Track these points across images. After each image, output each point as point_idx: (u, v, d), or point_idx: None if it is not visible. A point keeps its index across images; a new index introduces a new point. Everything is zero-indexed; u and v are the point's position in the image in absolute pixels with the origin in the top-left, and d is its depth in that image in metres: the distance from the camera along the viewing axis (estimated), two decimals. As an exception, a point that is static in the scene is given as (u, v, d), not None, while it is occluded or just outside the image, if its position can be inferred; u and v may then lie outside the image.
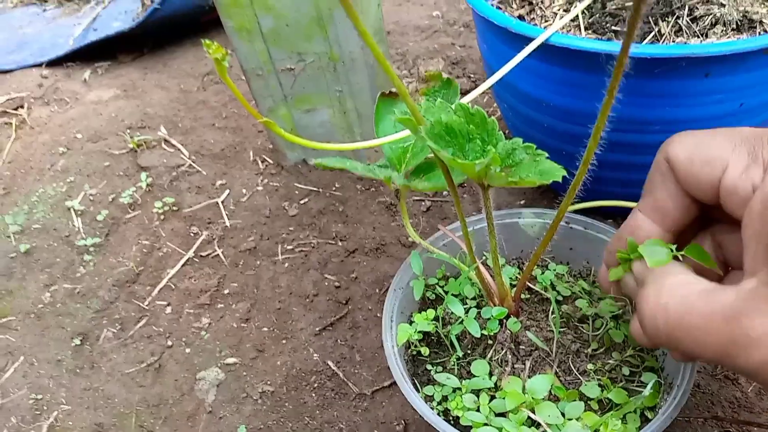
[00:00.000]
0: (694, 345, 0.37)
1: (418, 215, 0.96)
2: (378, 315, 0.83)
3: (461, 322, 0.62)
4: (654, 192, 0.47)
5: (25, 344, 0.88)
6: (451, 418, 0.58)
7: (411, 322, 0.65)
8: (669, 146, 0.45)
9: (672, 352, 0.48)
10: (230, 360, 0.81)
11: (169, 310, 0.89)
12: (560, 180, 0.44)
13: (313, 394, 0.76)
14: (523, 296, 0.65)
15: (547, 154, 0.47)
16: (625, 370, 0.58)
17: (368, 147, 0.61)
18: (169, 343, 0.84)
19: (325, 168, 0.61)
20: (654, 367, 0.59)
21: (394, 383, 0.75)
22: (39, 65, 1.57)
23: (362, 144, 0.61)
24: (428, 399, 0.60)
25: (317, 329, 0.83)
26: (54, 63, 1.58)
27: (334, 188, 1.04)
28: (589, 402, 0.56)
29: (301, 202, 1.03)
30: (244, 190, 1.08)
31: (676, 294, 0.39)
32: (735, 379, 0.69)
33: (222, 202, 1.06)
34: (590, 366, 0.58)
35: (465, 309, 0.64)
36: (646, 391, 0.54)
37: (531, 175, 0.45)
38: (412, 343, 0.65)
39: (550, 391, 0.56)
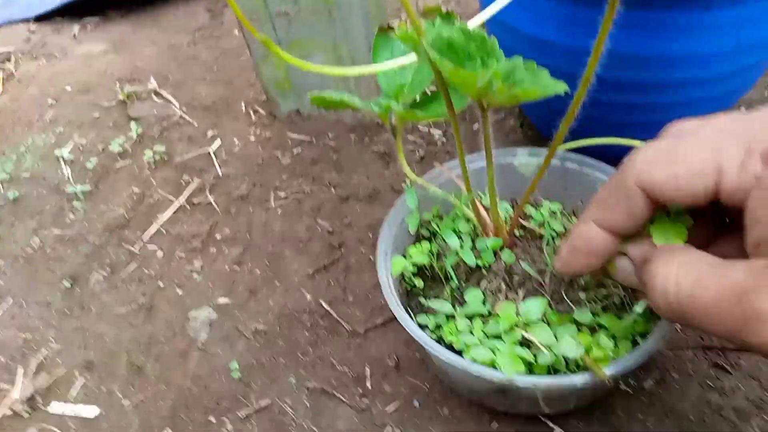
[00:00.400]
0: (707, 321, 0.37)
1: (411, 164, 0.96)
2: (371, 258, 0.83)
3: (456, 253, 0.62)
4: (613, 209, 0.44)
5: (15, 287, 0.87)
6: (443, 346, 0.58)
7: (405, 257, 0.65)
8: (640, 171, 0.41)
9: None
10: (222, 300, 0.81)
11: (160, 254, 0.89)
12: (562, 93, 0.43)
13: (306, 333, 0.76)
14: (517, 233, 0.65)
15: (548, 71, 0.46)
16: (617, 300, 0.59)
17: (365, 74, 0.61)
18: (161, 284, 0.84)
19: (320, 104, 0.59)
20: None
21: (387, 322, 0.76)
22: (27, 21, 1.55)
23: (358, 69, 0.60)
24: (422, 328, 0.60)
25: (310, 271, 0.83)
26: (42, 19, 1.56)
27: (327, 138, 1.03)
28: (580, 328, 0.56)
29: (294, 151, 1.02)
30: (236, 141, 1.07)
31: (686, 270, 0.38)
32: (725, 316, 0.70)
33: (214, 152, 1.05)
34: (582, 295, 0.59)
35: (461, 241, 0.64)
36: (635, 312, 0.54)
37: (533, 87, 0.45)
38: (406, 277, 0.65)
39: (543, 316, 0.56)
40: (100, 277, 0.87)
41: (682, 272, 0.38)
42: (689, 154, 0.39)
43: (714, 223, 0.46)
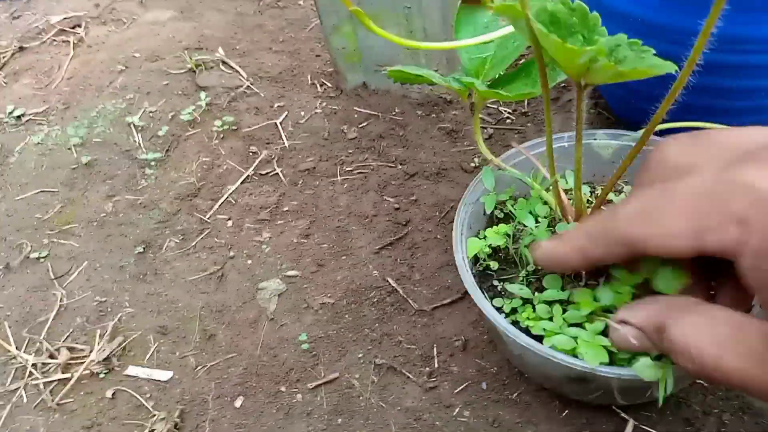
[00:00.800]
0: (738, 385, 0.37)
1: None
2: (438, 237, 0.83)
3: (532, 234, 0.62)
4: (595, 250, 0.46)
5: (89, 250, 0.90)
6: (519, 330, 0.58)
7: (480, 238, 0.65)
8: (622, 226, 0.43)
9: None
10: (291, 272, 0.82)
11: (230, 223, 0.90)
12: (673, 72, 0.42)
13: (373, 308, 0.76)
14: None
15: (653, 51, 0.45)
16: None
17: (446, 48, 0.60)
18: (231, 254, 0.86)
19: (398, 78, 0.59)
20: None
21: (454, 302, 0.75)
22: (96, -14, 1.57)
23: (441, 45, 0.60)
24: (497, 311, 0.60)
25: (377, 248, 0.83)
26: (110, -16, 1.58)
27: (393, 113, 1.03)
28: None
29: (361, 125, 1.02)
30: (302, 113, 1.07)
31: (705, 335, 0.38)
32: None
33: (280, 123, 1.06)
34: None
35: (537, 224, 0.63)
36: None
37: (640, 66, 0.43)
38: (481, 259, 0.64)
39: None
40: (172, 244, 0.89)
41: (700, 336, 0.38)
42: (667, 215, 0.39)
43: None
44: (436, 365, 0.70)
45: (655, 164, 0.46)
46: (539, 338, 0.54)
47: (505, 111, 1.00)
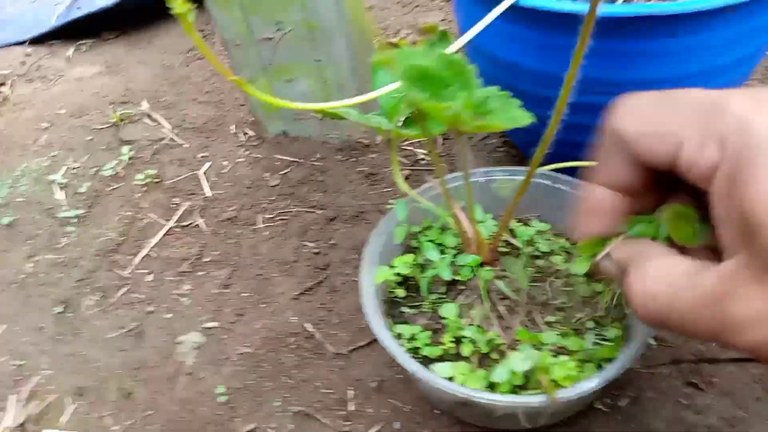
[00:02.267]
0: (687, 329, 0.37)
1: (395, 183, 0.97)
2: (356, 279, 0.85)
3: (435, 267, 0.64)
4: (608, 163, 0.44)
5: (8, 312, 0.89)
6: (419, 356, 0.60)
7: (392, 266, 0.67)
8: (616, 120, 0.41)
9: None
10: (210, 324, 0.82)
11: (150, 278, 0.90)
12: (525, 125, 0.45)
13: (291, 355, 0.77)
14: (503, 250, 0.67)
15: (520, 103, 0.48)
16: (591, 324, 0.60)
17: (349, 105, 0.62)
18: (150, 309, 0.86)
19: (326, 114, 0.62)
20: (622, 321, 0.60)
21: (370, 343, 0.77)
22: (22, 43, 1.57)
23: (346, 102, 0.62)
24: (399, 337, 0.62)
25: (296, 293, 0.84)
26: (37, 41, 1.58)
27: (314, 159, 1.05)
28: (542, 348, 0.57)
29: (282, 172, 1.04)
30: (225, 162, 1.09)
31: (661, 280, 0.39)
32: (701, 334, 0.71)
33: (204, 173, 1.07)
34: (553, 318, 0.60)
35: (442, 256, 0.65)
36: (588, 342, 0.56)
37: (499, 120, 0.46)
38: (390, 287, 0.66)
39: (513, 335, 0.58)
40: (91, 302, 0.88)
41: (657, 284, 0.39)
42: (661, 120, 0.39)
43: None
44: (352, 408, 0.71)
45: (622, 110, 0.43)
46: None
47: (420, 153, 1.03)
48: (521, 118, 0.47)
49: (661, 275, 0.39)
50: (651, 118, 0.39)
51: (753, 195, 0.32)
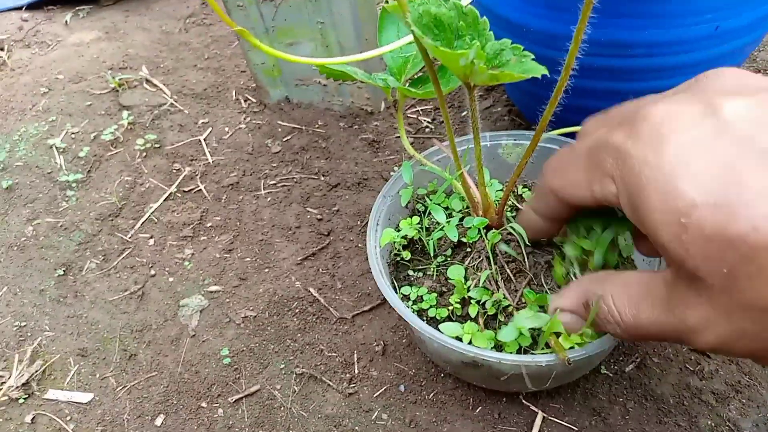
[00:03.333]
0: (657, 337, 0.41)
1: (400, 150, 0.97)
2: (359, 245, 0.84)
3: (442, 229, 0.64)
4: (540, 204, 0.51)
5: (9, 275, 0.88)
6: (425, 318, 0.60)
7: (398, 229, 0.67)
8: (546, 178, 0.48)
9: None
10: (213, 288, 0.82)
11: (152, 242, 0.90)
12: (539, 76, 0.44)
13: (295, 319, 0.77)
14: (510, 213, 0.66)
15: (533, 56, 0.47)
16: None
17: (354, 61, 0.61)
18: (152, 272, 0.85)
19: (327, 73, 0.61)
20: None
21: (374, 307, 0.77)
22: (19, 8, 1.55)
23: (350, 57, 0.61)
24: (405, 299, 0.62)
25: (299, 259, 0.84)
26: (34, 6, 1.55)
27: (317, 126, 1.04)
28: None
29: (284, 139, 1.03)
30: (226, 128, 1.07)
31: (623, 299, 0.43)
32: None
33: (204, 139, 1.06)
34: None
35: (449, 218, 0.65)
36: None
37: (513, 70, 0.45)
38: (396, 248, 0.66)
39: (521, 295, 0.58)
40: (92, 265, 0.88)
41: (619, 301, 0.43)
42: (569, 171, 0.44)
43: None
44: (356, 371, 0.71)
45: (578, 136, 0.50)
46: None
47: (425, 120, 1.02)
48: (536, 69, 0.46)
49: (621, 292, 0.43)
50: (566, 174, 0.45)
51: (650, 220, 0.36)
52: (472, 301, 0.58)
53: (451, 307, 0.60)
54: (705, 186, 0.33)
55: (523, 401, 0.65)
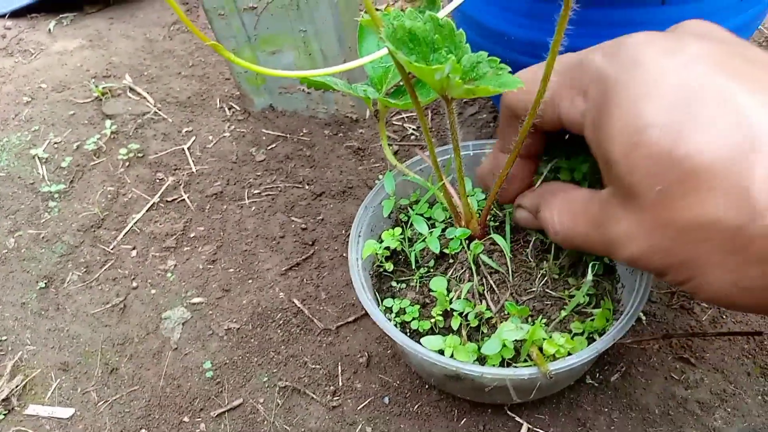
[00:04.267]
0: (588, 248, 0.45)
1: (385, 158, 0.96)
2: (344, 255, 0.84)
3: (424, 240, 0.63)
4: (507, 134, 0.53)
5: (-11, 288, 0.87)
6: (408, 330, 0.60)
7: (380, 240, 0.66)
8: (507, 96, 0.49)
9: None
10: (196, 299, 0.81)
11: (134, 253, 0.89)
12: (515, 89, 0.43)
13: (279, 331, 0.76)
14: (493, 224, 0.66)
15: (509, 69, 0.46)
16: (582, 300, 0.59)
17: (335, 72, 0.61)
18: (135, 284, 0.84)
19: (310, 84, 0.61)
20: (610, 296, 0.60)
21: (358, 318, 0.76)
22: (2, 16, 1.53)
23: (331, 69, 0.60)
24: (388, 311, 0.61)
25: (283, 269, 0.83)
26: (18, 14, 1.54)
27: (301, 133, 1.03)
28: (534, 322, 0.57)
29: (269, 147, 1.02)
30: (210, 137, 1.07)
31: (564, 209, 0.47)
32: (690, 308, 0.71)
33: (188, 148, 1.05)
34: (545, 291, 0.59)
35: (431, 229, 0.64)
36: (567, 307, 0.56)
37: (489, 84, 0.45)
38: (379, 260, 0.66)
39: (502, 308, 0.57)
40: (74, 277, 0.87)
41: (562, 212, 0.47)
42: (537, 87, 0.44)
43: None
44: (340, 383, 0.70)
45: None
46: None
47: (410, 128, 1.02)
48: (512, 82, 0.46)
49: (564, 204, 0.47)
50: (532, 90, 0.45)
51: (608, 135, 0.38)
52: (455, 314, 0.58)
53: (433, 320, 0.59)
54: (664, 109, 0.36)
55: (508, 412, 0.65)
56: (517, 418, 0.64)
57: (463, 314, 0.58)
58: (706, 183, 0.34)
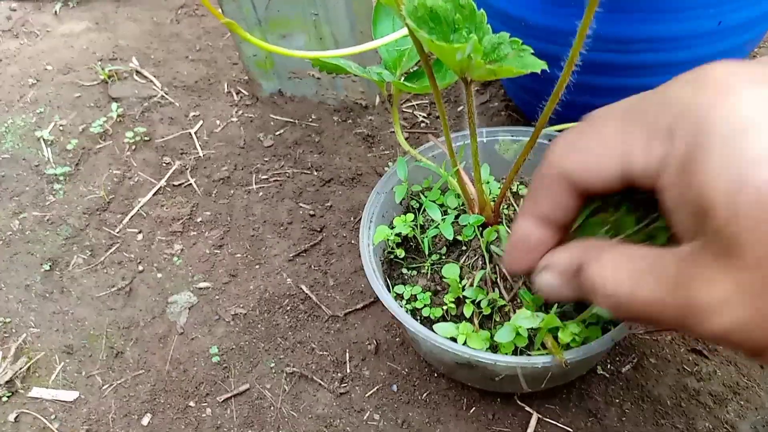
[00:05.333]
0: (652, 316, 0.35)
1: (394, 145, 0.95)
2: (352, 242, 0.83)
3: (437, 226, 0.62)
4: (542, 201, 0.43)
5: (-6, 270, 0.87)
6: (419, 317, 0.59)
7: (392, 226, 0.65)
8: (556, 161, 0.40)
9: None
10: (202, 284, 0.80)
11: (140, 237, 0.88)
12: (539, 71, 0.42)
13: (286, 317, 0.75)
14: (506, 211, 0.65)
15: (532, 50, 0.45)
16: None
17: (349, 55, 0.60)
18: (140, 268, 0.83)
19: (323, 67, 0.60)
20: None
21: (367, 305, 0.75)
22: (7, -2, 1.52)
23: (345, 51, 0.59)
24: (398, 298, 0.61)
25: (291, 255, 0.82)
26: (23, -4, 1.53)
27: (310, 119, 1.02)
28: (549, 311, 0.56)
29: (277, 133, 1.01)
30: (218, 122, 1.06)
31: (622, 268, 0.37)
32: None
33: (195, 132, 1.04)
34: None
35: (444, 216, 0.64)
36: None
37: (512, 65, 0.44)
38: (390, 246, 0.65)
39: (517, 297, 0.56)
40: (80, 260, 0.86)
41: (619, 269, 0.37)
42: (595, 141, 0.38)
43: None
44: (348, 370, 0.70)
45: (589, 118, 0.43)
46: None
47: (420, 115, 1.01)
48: (535, 64, 0.45)
49: (621, 263, 0.37)
50: (587, 147, 0.38)
51: (704, 176, 0.31)
52: (467, 301, 0.57)
53: (445, 307, 0.58)
54: None
55: (518, 402, 0.64)
56: (527, 408, 0.63)
57: (476, 302, 0.57)
58: None
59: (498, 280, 0.58)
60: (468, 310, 0.57)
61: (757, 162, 0.29)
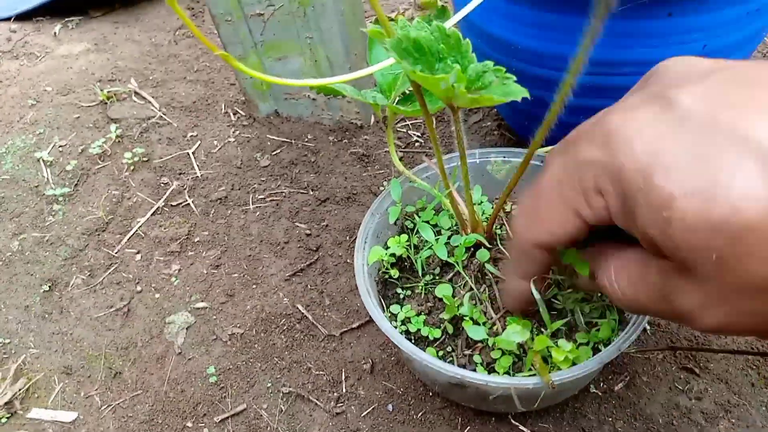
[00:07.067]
0: (655, 315, 0.42)
1: (389, 165, 0.97)
2: (348, 261, 0.84)
3: (430, 247, 0.63)
4: (524, 265, 0.49)
5: (-7, 291, 0.87)
6: (413, 337, 0.60)
7: (386, 247, 0.66)
8: (525, 235, 0.46)
9: None
10: (200, 304, 0.81)
11: (138, 257, 0.89)
12: (519, 99, 0.44)
13: (282, 336, 0.76)
14: (499, 231, 0.66)
15: (515, 78, 0.47)
16: (586, 308, 0.59)
17: (344, 81, 0.61)
18: (139, 288, 0.84)
19: (320, 89, 0.61)
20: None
21: (363, 325, 0.76)
22: (7, 19, 1.54)
23: (341, 78, 0.61)
24: (393, 318, 0.61)
25: (287, 275, 0.83)
26: (23, 17, 1.55)
27: (306, 139, 1.03)
28: (542, 331, 0.57)
29: (273, 153, 1.02)
30: (215, 142, 1.07)
31: (621, 278, 0.43)
32: (695, 318, 0.71)
33: (193, 153, 1.05)
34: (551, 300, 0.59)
35: (437, 237, 0.64)
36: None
37: (495, 94, 0.45)
38: (384, 266, 0.66)
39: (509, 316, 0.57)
40: (78, 281, 0.87)
41: (620, 279, 0.43)
42: (546, 211, 0.43)
43: None
44: (344, 390, 0.70)
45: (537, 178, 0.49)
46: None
47: (415, 135, 1.02)
48: (517, 92, 0.46)
49: (620, 272, 0.43)
50: (545, 217, 0.44)
51: (640, 219, 0.36)
52: (465, 318, 0.58)
53: (443, 326, 0.59)
54: (679, 177, 0.33)
55: (512, 421, 0.65)
56: (521, 427, 0.64)
57: (473, 318, 0.58)
58: (760, 240, 0.31)
59: (488, 301, 0.59)
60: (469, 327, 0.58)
61: (672, 199, 0.33)
